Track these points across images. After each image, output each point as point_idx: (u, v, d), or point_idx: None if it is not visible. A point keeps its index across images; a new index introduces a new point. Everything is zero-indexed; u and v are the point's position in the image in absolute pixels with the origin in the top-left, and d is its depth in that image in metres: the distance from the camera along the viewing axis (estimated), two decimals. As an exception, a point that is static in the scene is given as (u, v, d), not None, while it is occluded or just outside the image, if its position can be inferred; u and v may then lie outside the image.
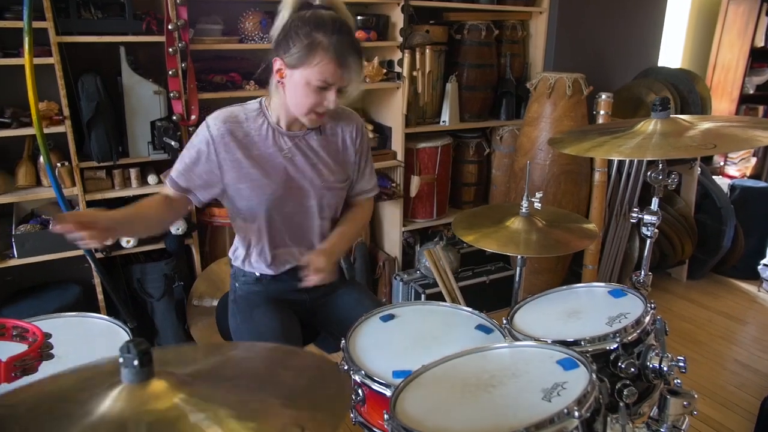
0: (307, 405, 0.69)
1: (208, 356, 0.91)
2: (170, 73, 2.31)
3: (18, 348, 1.30)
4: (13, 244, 2.26)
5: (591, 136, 1.45)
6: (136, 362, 0.74)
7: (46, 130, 2.12)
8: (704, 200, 3.46)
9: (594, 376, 1.01)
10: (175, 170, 1.50)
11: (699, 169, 3.41)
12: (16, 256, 2.27)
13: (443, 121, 3.10)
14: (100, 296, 2.50)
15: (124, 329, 1.52)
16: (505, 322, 1.36)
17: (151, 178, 2.46)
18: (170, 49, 2.29)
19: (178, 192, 1.51)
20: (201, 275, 2.66)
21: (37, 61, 2.07)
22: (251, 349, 0.92)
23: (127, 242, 2.42)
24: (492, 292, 3.08)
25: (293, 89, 1.41)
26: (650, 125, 1.43)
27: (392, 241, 3.13)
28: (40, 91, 2.04)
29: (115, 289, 2.46)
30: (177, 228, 2.47)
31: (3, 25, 2.07)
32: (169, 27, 2.26)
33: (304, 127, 1.53)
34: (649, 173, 1.45)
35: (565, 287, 1.49)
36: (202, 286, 2.67)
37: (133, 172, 2.43)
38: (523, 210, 1.58)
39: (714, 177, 3.64)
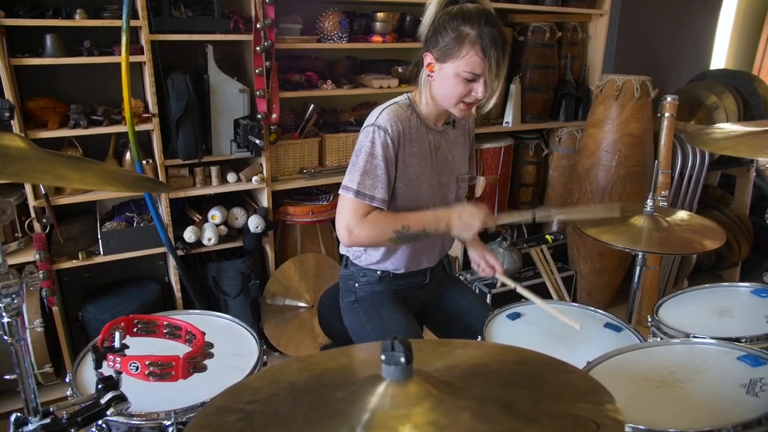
0: (595, 401, 0.70)
1: (435, 355, 0.90)
2: (256, 71, 2.31)
3: (169, 345, 1.31)
4: (100, 241, 2.27)
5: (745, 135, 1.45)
6: (402, 359, 0.75)
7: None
8: (760, 203, 3.47)
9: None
10: (378, 190, 1.44)
11: (755, 171, 3.42)
12: (102, 253, 2.27)
13: (506, 122, 3.11)
14: (178, 294, 2.50)
15: (245, 328, 1.54)
16: (650, 319, 1.37)
17: (231, 176, 2.47)
18: (257, 48, 2.30)
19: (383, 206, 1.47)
20: (274, 274, 2.67)
21: (131, 59, 2.08)
22: (471, 346, 0.92)
23: (209, 240, 2.42)
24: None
25: (443, 82, 1.43)
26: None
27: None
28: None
29: (194, 287, 2.47)
30: (257, 226, 2.47)
31: (101, 24, 2.08)
32: (258, 26, 2.27)
33: (444, 122, 1.56)
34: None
35: (707, 285, 1.50)
36: (274, 286, 2.67)
37: (213, 170, 2.43)
38: (648, 208, 1.59)
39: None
